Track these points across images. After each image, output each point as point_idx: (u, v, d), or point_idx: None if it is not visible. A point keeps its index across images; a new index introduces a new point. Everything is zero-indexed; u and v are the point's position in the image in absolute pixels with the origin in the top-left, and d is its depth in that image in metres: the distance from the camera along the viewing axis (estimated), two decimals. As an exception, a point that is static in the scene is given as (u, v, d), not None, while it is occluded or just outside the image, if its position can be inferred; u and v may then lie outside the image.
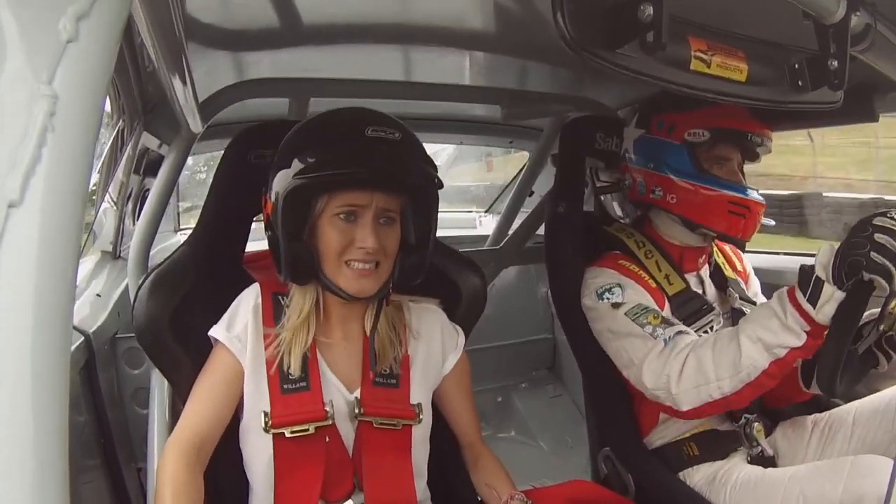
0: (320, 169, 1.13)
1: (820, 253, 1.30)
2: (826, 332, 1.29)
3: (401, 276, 1.25)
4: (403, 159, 1.19)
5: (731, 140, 1.60)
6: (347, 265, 1.19)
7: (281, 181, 1.16)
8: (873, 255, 1.21)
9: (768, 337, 1.33)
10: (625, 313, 1.54)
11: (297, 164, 1.14)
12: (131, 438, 1.97)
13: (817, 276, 1.27)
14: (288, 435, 1.20)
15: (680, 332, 1.48)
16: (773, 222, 1.77)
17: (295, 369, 1.22)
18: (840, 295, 1.25)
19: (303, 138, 1.20)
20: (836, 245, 1.28)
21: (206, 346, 1.27)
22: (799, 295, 1.29)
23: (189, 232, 1.44)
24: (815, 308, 1.27)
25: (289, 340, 1.23)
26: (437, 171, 1.23)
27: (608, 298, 1.58)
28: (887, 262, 1.20)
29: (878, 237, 1.21)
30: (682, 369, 1.41)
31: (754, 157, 1.69)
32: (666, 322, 1.51)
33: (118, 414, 1.94)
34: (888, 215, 1.24)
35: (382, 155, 1.16)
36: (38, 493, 0.48)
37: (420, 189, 1.24)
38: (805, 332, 1.30)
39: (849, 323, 1.27)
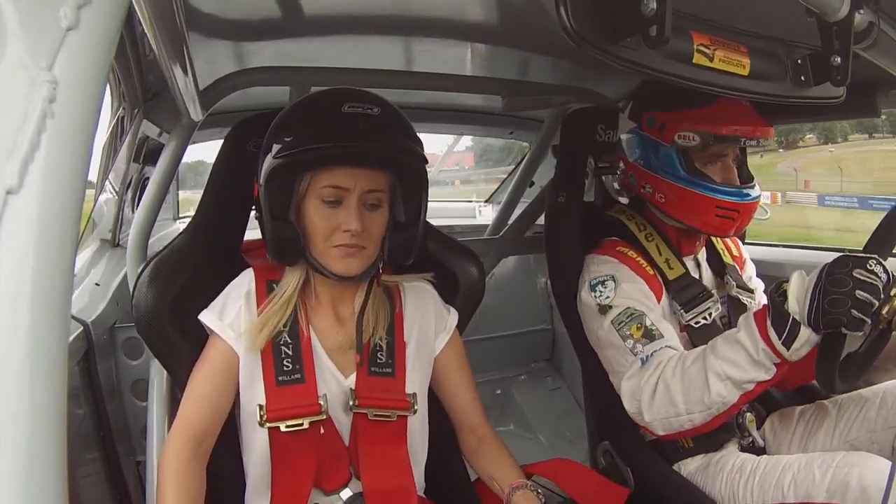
0: (296, 147, 1.15)
1: (792, 282, 1.28)
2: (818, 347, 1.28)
3: (391, 256, 1.25)
4: (382, 134, 1.18)
5: (722, 142, 1.56)
6: (334, 248, 1.19)
7: (264, 164, 1.18)
8: (854, 313, 1.20)
9: (737, 374, 1.33)
10: (611, 321, 1.54)
11: (276, 146, 1.16)
12: (130, 431, 1.96)
13: (794, 319, 1.26)
14: (283, 429, 1.20)
15: (656, 351, 1.47)
16: (768, 214, 1.76)
17: (286, 351, 1.22)
18: (815, 338, 1.26)
19: (283, 121, 1.22)
20: (807, 276, 1.27)
21: (204, 335, 1.27)
22: (773, 335, 1.29)
23: (188, 220, 1.44)
24: (788, 350, 1.27)
25: (274, 320, 1.23)
26: (422, 148, 1.22)
27: (600, 293, 1.58)
28: (867, 319, 1.20)
29: (860, 294, 1.19)
30: (652, 397, 1.43)
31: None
32: (648, 335, 1.50)
33: (117, 406, 1.93)
34: (867, 266, 1.21)
35: (359, 130, 1.15)
36: (36, 488, 0.48)
37: (405, 165, 1.22)
38: (775, 365, 1.31)
39: (829, 354, 1.27)
